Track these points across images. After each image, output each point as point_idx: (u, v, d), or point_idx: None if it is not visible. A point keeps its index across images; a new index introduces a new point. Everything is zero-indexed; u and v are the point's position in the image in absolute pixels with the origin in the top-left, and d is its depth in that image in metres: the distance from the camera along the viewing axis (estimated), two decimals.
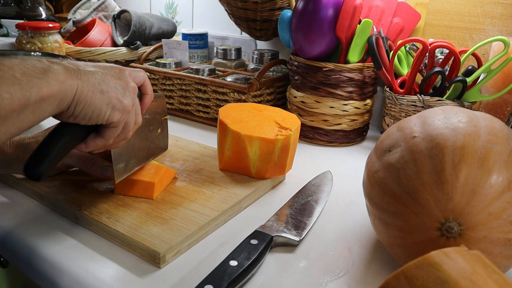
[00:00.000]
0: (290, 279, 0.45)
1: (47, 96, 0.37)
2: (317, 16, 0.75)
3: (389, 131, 0.48)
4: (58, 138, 0.42)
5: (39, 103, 0.36)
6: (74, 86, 0.39)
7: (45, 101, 0.37)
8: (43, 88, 0.36)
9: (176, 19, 1.34)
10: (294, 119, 0.67)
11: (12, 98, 0.34)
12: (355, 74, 0.79)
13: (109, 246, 0.49)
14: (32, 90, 0.36)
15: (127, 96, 0.46)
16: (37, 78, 0.36)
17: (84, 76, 0.41)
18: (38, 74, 0.37)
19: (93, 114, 0.42)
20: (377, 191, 0.44)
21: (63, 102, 0.39)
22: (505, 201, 0.37)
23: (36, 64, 0.37)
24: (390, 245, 0.44)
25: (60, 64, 0.40)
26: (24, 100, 0.35)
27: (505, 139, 0.40)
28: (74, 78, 0.40)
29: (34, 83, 0.36)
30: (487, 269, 0.27)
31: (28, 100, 0.35)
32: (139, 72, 0.51)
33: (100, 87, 0.42)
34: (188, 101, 0.95)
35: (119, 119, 0.45)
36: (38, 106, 0.36)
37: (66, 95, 0.39)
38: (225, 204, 0.56)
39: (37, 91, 0.36)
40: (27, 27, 0.97)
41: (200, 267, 0.46)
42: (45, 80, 0.37)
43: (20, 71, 0.35)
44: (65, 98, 0.39)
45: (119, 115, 0.45)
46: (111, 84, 0.44)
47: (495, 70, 0.72)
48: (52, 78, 0.37)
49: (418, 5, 0.89)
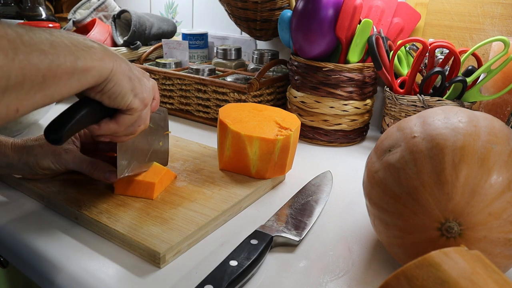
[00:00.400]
0: (290, 279, 0.45)
1: (91, 67, 0.40)
2: (317, 16, 0.75)
3: (389, 131, 0.48)
4: (79, 109, 0.45)
5: (84, 72, 0.40)
6: (110, 65, 0.43)
7: (89, 71, 0.40)
8: (87, 59, 0.40)
9: (176, 19, 1.34)
10: (294, 119, 0.67)
11: (66, 60, 0.37)
12: (355, 74, 0.79)
13: (109, 246, 0.49)
14: (80, 59, 0.39)
15: (147, 90, 0.49)
16: (83, 51, 0.40)
17: (118, 60, 0.44)
18: (83, 47, 0.40)
19: (119, 95, 0.45)
20: (377, 191, 0.44)
21: (102, 76, 0.42)
22: (505, 201, 0.37)
23: (79, 38, 0.41)
24: (390, 245, 0.44)
25: (99, 44, 0.43)
26: (74, 66, 0.38)
27: (505, 139, 0.40)
28: (111, 59, 0.43)
29: (81, 54, 0.39)
30: (487, 269, 0.27)
31: (76, 67, 0.38)
32: (152, 79, 0.54)
33: (129, 74, 0.46)
34: (188, 101, 0.95)
35: (137, 108, 0.48)
36: (82, 75, 0.40)
37: (105, 70, 0.42)
38: (225, 204, 0.56)
39: (83, 61, 0.39)
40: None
41: (200, 267, 0.46)
42: (88, 53, 0.40)
43: (69, 40, 0.39)
44: (104, 73, 0.42)
45: (138, 103, 0.48)
46: (136, 75, 0.48)
47: (495, 70, 0.72)
48: (94, 53, 0.41)
49: (418, 5, 0.89)
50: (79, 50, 0.39)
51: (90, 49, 0.41)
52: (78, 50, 0.39)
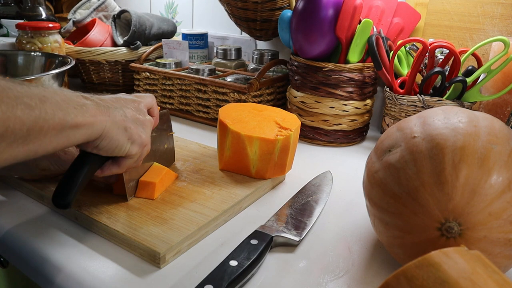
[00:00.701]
0: (290, 279, 0.45)
1: (81, 125, 0.41)
2: (317, 16, 0.75)
3: (389, 131, 0.48)
4: (80, 168, 0.47)
5: (74, 129, 0.40)
6: (104, 122, 0.43)
7: (79, 128, 0.40)
8: (78, 117, 0.40)
9: (176, 19, 1.34)
10: (294, 119, 0.67)
11: (54, 115, 0.38)
12: (355, 74, 0.79)
13: (109, 246, 0.49)
14: (70, 116, 0.39)
15: (145, 130, 0.50)
16: (74, 108, 0.40)
17: (112, 113, 0.45)
18: (75, 105, 0.41)
19: (116, 148, 0.46)
20: (377, 191, 0.44)
21: (93, 134, 0.43)
22: (505, 201, 0.37)
23: (72, 96, 0.41)
24: (390, 245, 0.44)
25: (91, 100, 0.43)
26: (63, 122, 0.39)
27: (505, 139, 0.40)
28: (103, 114, 0.44)
29: (71, 111, 0.40)
30: (487, 269, 0.27)
31: (66, 124, 0.39)
32: (149, 98, 0.55)
33: (125, 124, 0.46)
34: (188, 101, 0.95)
35: (136, 152, 0.49)
36: (72, 132, 0.40)
37: (96, 128, 0.43)
38: (225, 204, 0.56)
39: (73, 118, 0.40)
40: (27, 27, 0.97)
41: (200, 267, 0.46)
42: (79, 111, 0.41)
43: (61, 97, 0.39)
44: (95, 131, 0.43)
45: (137, 148, 0.49)
46: (132, 120, 0.48)
47: (495, 70, 0.72)
48: (86, 111, 0.41)
49: (418, 5, 0.89)
50: (70, 107, 0.39)
51: (82, 107, 0.41)
52: (69, 107, 0.39)
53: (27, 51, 0.98)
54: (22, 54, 0.98)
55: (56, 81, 0.83)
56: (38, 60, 0.98)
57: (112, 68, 1.08)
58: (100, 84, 1.11)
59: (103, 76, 1.09)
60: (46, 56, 0.97)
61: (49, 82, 0.80)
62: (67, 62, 0.89)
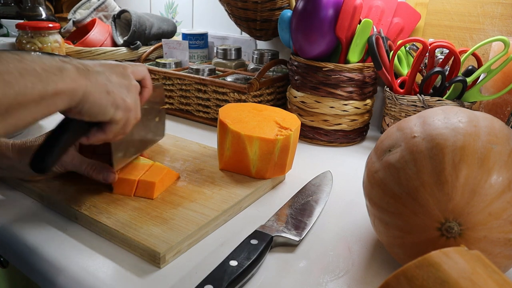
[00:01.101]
0: (290, 279, 0.45)
1: (61, 92, 0.40)
2: (317, 16, 0.75)
3: (389, 131, 0.48)
4: (62, 132, 0.45)
5: (54, 97, 0.39)
6: (83, 86, 0.42)
7: (59, 96, 0.40)
8: (58, 83, 0.39)
9: (176, 19, 1.34)
10: (294, 119, 0.67)
11: (34, 88, 0.37)
12: (355, 74, 0.79)
13: (109, 246, 0.49)
14: (50, 84, 0.39)
15: (130, 95, 0.48)
16: (54, 74, 0.39)
17: (93, 76, 0.44)
18: (55, 71, 0.39)
19: (99, 113, 0.45)
20: (377, 191, 0.44)
21: (73, 99, 0.41)
22: (505, 201, 0.37)
23: (51, 61, 0.40)
24: (390, 245, 0.44)
25: (71, 64, 0.42)
26: (43, 91, 0.38)
27: (505, 139, 0.40)
28: (84, 78, 0.42)
29: (51, 79, 0.39)
30: (487, 269, 0.27)
31: (46, 93, 0.38)
32: (140, 67, 0.53)
33: (106, 88, 0.45)
34: (188, 101, 0.95)
35: (121, 118, 0.48)
36: (52, 100, 0.39)
37: (77, 93, 0.41)
38: (225, 204, 0.56)
39: (54, 86, 0.39)
40: (27, 27, 0.97)
41: (200, 267, 0.46)
42: (60, 77, 0.40)
43: (39, 66, 0.38)
44: (76, 96, 0.41)
45: (122, 113, 0.47)
46: (116, 84, 0.47)
47: (495, 70, 0.72)
48: (66, 76, 0.40)
49: (418, 5, 0.89)
50: (49, 75, 0.39)
51: (62, 72, 0.40)
52: (49, 75, 0.39)
53: (27, 51, 0.98)
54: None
55: None
56: None
57: None
58: None
59: None
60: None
61: None
62: None
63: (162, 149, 0.72)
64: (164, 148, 0.73)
